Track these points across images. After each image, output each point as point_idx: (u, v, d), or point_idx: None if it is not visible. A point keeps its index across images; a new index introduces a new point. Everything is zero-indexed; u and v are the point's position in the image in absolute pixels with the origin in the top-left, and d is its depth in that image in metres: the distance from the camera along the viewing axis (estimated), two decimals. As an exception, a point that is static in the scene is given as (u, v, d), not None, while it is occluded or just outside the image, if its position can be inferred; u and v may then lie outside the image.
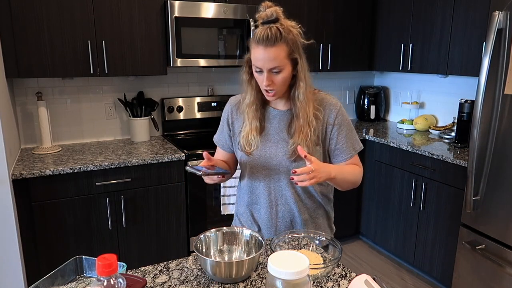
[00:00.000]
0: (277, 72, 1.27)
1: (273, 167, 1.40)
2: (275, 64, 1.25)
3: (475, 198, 2.17)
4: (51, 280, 1.05)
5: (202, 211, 2.68)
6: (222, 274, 1.05)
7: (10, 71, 2.26)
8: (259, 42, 1.24)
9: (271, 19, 1.24)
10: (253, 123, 1.38)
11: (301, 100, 1.32)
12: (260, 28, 1.25)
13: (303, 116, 1.33)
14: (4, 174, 2.02)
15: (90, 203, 2.33)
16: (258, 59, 1.26)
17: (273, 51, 1.23)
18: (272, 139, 1.40)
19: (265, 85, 1.28)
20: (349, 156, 1.41)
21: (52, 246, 2.27)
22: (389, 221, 3.02)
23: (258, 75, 1.31)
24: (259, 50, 1.24)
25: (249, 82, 1.37)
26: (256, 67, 1.28)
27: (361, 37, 3.36)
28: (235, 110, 1.47)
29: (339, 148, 1.40)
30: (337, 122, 1.38)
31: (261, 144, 1.40)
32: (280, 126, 1.40)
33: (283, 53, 1.25)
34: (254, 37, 1.25)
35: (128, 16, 2.49)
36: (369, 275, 0.92)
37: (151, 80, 2.97)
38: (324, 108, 1.38)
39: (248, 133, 1.39)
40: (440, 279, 2.67)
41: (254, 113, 1.38)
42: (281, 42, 1.23)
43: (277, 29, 1.23)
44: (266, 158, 1.40)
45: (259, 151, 1.40)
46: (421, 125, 3.22)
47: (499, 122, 2.02)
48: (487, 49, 1.97)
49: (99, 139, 2.90)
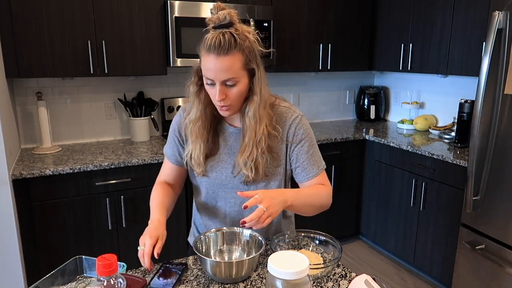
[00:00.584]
0: (231, 85, 1.11)
1: (227, 191, 1.28)
2: (229, 75, 1.08)
3: (475, 198, 2.17)
4: (51, 280, 1.05)
5: (202, 211, 2.67)
6: (222, 274, 1.05)
7: (10, 71, 2.26)
8: (210, 50, 1.06)
9: (224, 23, 1.07)
10: (196, 143, 1.22)
11: (250, 116, 1.16)
12: (211, 33, 1.08)
13: (250, 135, 1.17)
14: (4, 174, 2.02)
15: (90, 203, 2.33)
16: (209, 69, 1.08)
17: (226, 60, 1.07)
18: (224, 159, 1.26)
19: (218, 100, 1.12)
20: (312, 175, 1.26)
21: (52, 246, 2.27)
22: (389, 221, 3.02)
23: (209, 88, 1.14)
24: (210, 59, 1.07)
25: (197, 94, 1.20)
26: (207, 78, 1.11)
27: (361, 37, 3.36)
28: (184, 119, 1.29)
29: (299, 166, 1.26)
30: (296, 139, 1.25)
31: (209, 166, 1.26)
32: (236, 146, 1.25)
33: (239, 63, 1.09)
34: (204, 44, 1.08)
35: (128, 16, 2.49)
36: (369, 275, 0.92)
37: (151, 80, 2.97)
38: (282, 124, 1.24)
39: (192, 152, 1.24)
40: (440, 279, 2.67)
41: (199, 131, 1.21)
42: (235, 50, 1.07)
43: (231, 34, 1.07)
44: (221, 181, 1.26)
45: (210, 173, 1.26)
46: (421, 125, 3.22)
47: (499, 122, 2.02)
48: (487, 49, 1.97)
49: (99, 139, 2.90)
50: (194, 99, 1.21)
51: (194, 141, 1.23)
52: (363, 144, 3.16)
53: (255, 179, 1.23)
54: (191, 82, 1.20)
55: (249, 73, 1.14)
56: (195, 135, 1.22)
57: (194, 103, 1.21)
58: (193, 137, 1.23)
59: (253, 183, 1.24)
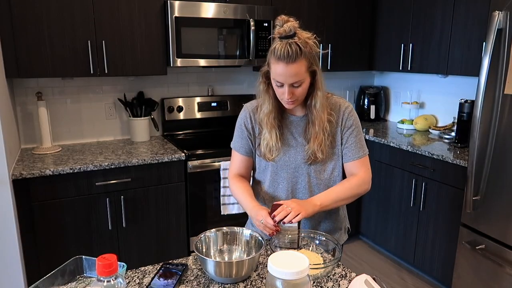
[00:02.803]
0: (297, 86, 1.31)
1: (292, 171, 1.45)
2: (297, 79, 1.29)
3: (475, 198, 2.17)
4: (51, 280, 1.05)
5: (202, 211, 2.68)
6: (222, 274, 1.06)
7: (10, 71, 2.26)
8: (280, 59, 1.26)
9: (289, 34, 1.26)
10: (273, 131, 1.42)
11: (317, 108, 1.37)
12: (279, 43, 1.27)
13: (318, 123, 1.38)
14: (4, 174, 2.02)
15: (90, 203, 2.33)
16: (280, 75, 1.29)
17: (294, 67, 1.26)
18: (291, 144, 1.45)
19: (287, 99, 1.32)
20: (354, 157, 1.44)
21: (52, 246, 2.27)
22: (389, 221, 3.02)
23: (278, 88, 1.34)
24: (280, 66, 1.27)
25: (267, 91, 1.40)
26: (277, 81, 1.31)
27: (361, 37, 3.36)
28: (253, 115, 1.49)
29: (347, 148, 1.45)
30: (348, 124, 1.44)
31: (282, 150, 1.45)
32: (298, 131, 1.45)
33: (304, 68, 1.28)
34: (275, 53, 1.27)
35: (128, 16, 2.49)
36: (369, 275, 0.92)
37: (151, 80, 2.97)
38: (337, 111, 1.44)
39: (269, 141, 1.43)
40: (440, 279, 2.67)
41: (273, 121, 1.41)
42: (301, 57, 1.26)
43: (296, 45, 1.25)
44: (286, 162, 1.45)
45: (280, 156, 1.45)
46: (421, 125, 3.22)
47: (499, 122, 2.02)
48: (487, 49, 1.97)
49: (99, 139, 2.90)
50: (264, 96, 1.41)
51: (270, 131, 1.42)
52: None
53: (321, 160, 1.43)
54: (260, 83, 1.41)
55: (311, 74, 1.33)
56: (270, 125, 1.41)
57: (265, 99, 1.41)
58: (268, 127, 1.41)
59: (314, 163, 1.44)
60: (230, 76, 3.25)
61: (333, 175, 1.47)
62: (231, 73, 3.25)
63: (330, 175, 1.47)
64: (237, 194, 1.47)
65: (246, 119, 1.50)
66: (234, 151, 1.54)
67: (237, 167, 1.54)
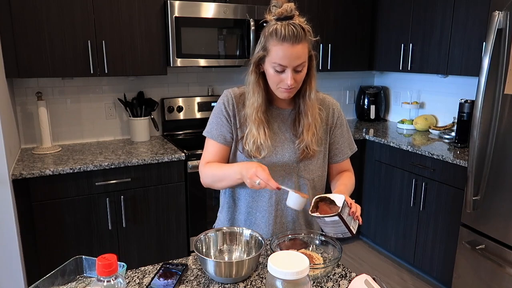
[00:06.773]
0: (299, 70, 1.22)
1: (279, 169, 1.34)
2: (301, 61, 1.20)
3: (475, 198, 2.17)
4: (51, 280, 1.05)
5: (202, 211, 2.68)
6: (222, 274, 1.05)
7: (10, 71, 2.26)
8: (286, 40, 1.16)
9: (290, 15, 1.19)
10: (261, 127, 1.28)
11: (312, 98, 1.29)
12: (279, 24, 1.17)
13: (312, 114, 1.30)
14: (4, 174, 2.02)
15: (90, 203, 2.33)
16: (284, 57, 1.17)
17: (299, 48, 1.18)
18: (278, 139, 1.34)
19: (290, 84, 1.21)
20: (346, 157, 1.44)
21: (52, 246, 2.27)
22: (389, 221, 3.02)
23: (277, 75, 1.22)
24: (285, 47, 1.17)
25: (257, 83, 1.28)
26: (280, 65, 1.19)
27: (361, 37, 3.36)
28: (235, 102, 1.33)
29: (337, 148, 1.42)
30: (338, 123, 1.40)
31: (272, 148, 1.32)
32: (285, 125, 1.35)
33: (306, 50, 1.21)
34: (277, 34, 1.17)
35: (128, 16, 2.49)
36: (369, 275, 0.92)
37: (151, 80, 2.97)
38: (326, 108, 1.38)
39: (257, 138, 1.29)
40: (440, 279, 2.67)
41: (262, 116, 1.28)
42: (305, 38, 1.19)
43: (299, 25, 1.18)
44: (272, 160, 1.32)
45: (272, 154, 1.33)
46: (421, 125, 3.22)
47: (499, 122, 2.02)
48: (487, 49, 1.97)
49: (99, 139, 2.90)
50: (254, 87, 1.28)
51: (257, 127, 1.28)
52: (363, 144, 3.16)
53: (312, 154, 1.34)
54: (251, 72, 1.28)
55: (309, 59, 1.25)
56: (259, 121, 1.28)
57: (255, 91, 1.28)
58: (256, 123, 1.28)
59: (305, 159, 1.34)
60: (230, 76, 3.25)
61: (322, 175, 1.41)
62: (231, 73, 3.25)
63: (319, 175, 1.39)
64: (215, 170, 1.31)
65: (228, 105, 1.33)
66: (209, 139, 1.37)
67: (211, 156, 1.36)
